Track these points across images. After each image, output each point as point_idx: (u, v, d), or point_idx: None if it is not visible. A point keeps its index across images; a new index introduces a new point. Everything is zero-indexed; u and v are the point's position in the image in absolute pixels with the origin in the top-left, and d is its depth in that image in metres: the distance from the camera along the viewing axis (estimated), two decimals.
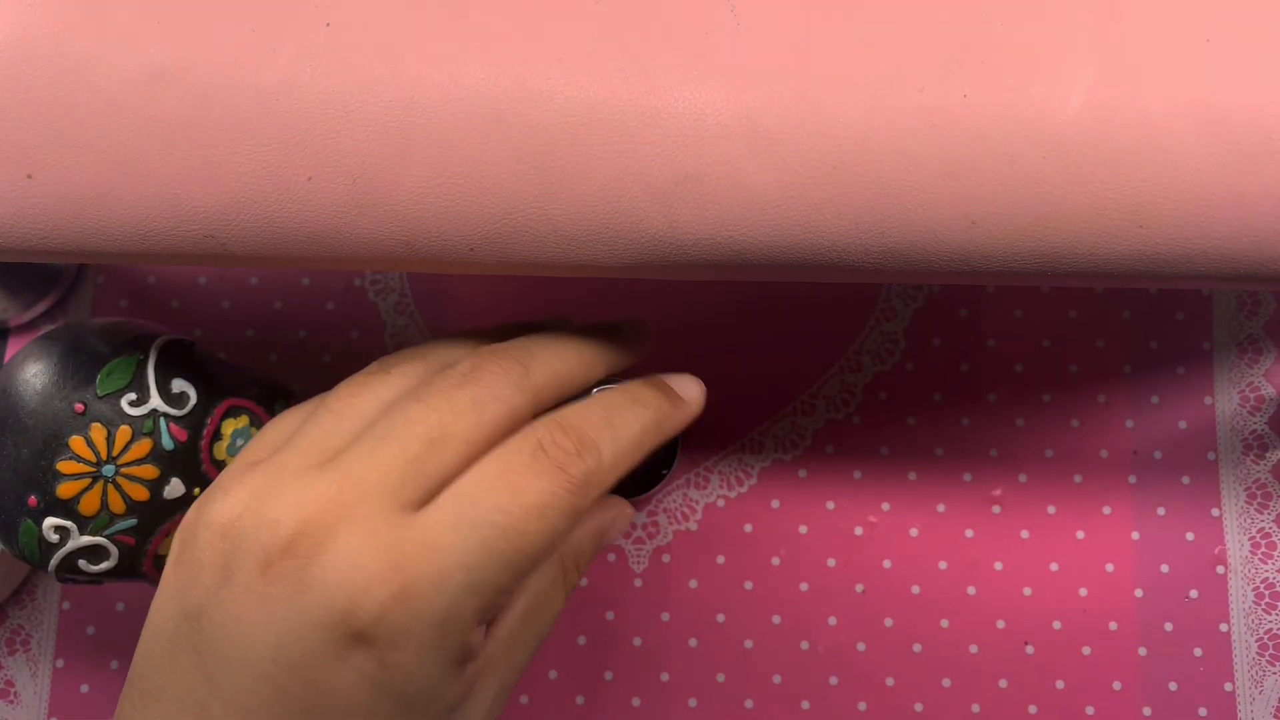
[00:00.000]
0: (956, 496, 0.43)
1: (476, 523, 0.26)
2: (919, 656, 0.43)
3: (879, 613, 0.43)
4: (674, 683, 0.43)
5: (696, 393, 0.33)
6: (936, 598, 0.43)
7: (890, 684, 0.43)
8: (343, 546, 0.25)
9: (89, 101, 0.28)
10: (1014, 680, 0.42)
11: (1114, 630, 0.42)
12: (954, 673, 0.43)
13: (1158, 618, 0.42)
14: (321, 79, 0.28)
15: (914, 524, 0.43)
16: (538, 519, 0.26)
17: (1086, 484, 0.43)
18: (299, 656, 0.25)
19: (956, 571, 0.43)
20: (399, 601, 0.25)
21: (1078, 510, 0.43)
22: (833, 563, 0.43)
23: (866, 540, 0.43)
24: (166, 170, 0.28)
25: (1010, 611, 0.43)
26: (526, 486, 0.26)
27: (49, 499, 0.33)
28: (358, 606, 0.25)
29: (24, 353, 0.35)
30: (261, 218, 0.28)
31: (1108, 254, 0.29)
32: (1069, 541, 0.43)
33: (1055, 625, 0.43)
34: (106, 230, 0.29)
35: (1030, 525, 0.43)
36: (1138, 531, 0.43)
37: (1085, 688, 0.42)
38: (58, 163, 0.28)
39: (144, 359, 0.35)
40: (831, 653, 0.43)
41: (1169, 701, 0.42)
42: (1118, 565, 0.43)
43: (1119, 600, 0.42)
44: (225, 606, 0.26)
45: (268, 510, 0.26)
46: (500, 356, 0.29)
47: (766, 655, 0.43)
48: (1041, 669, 0.42)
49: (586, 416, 0.29)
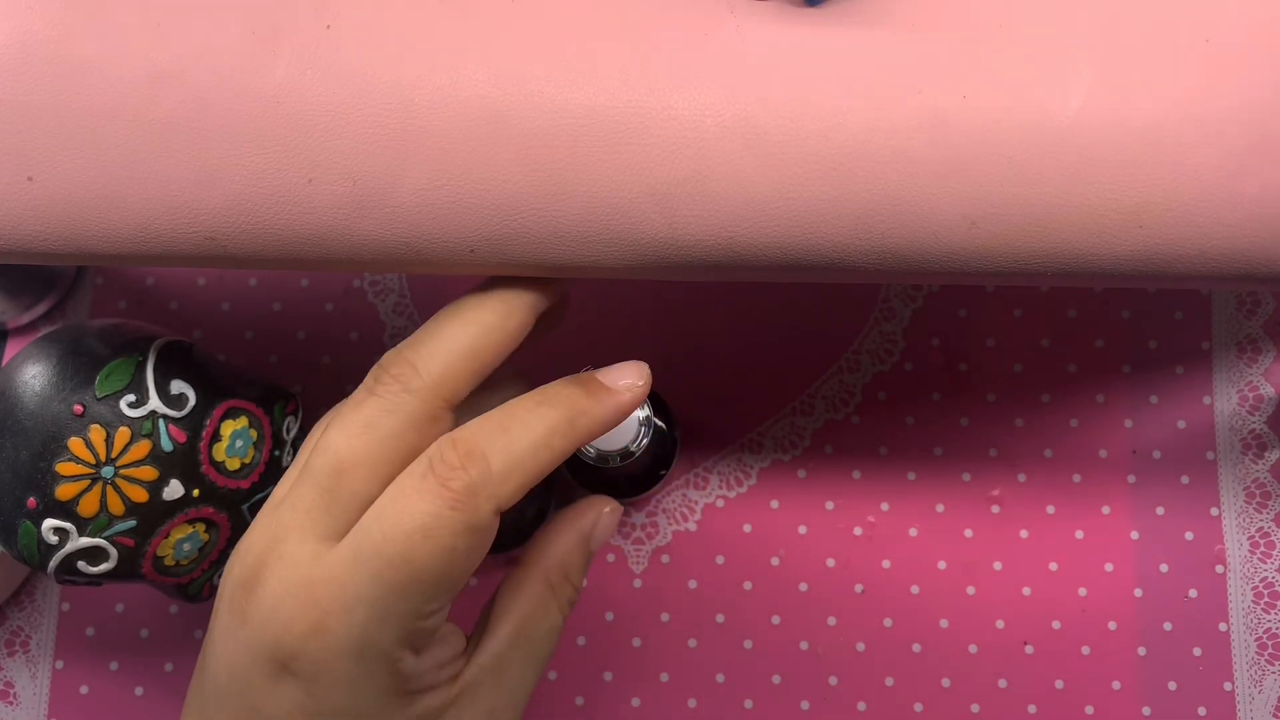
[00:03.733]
0: (956, 496, 0.43)
1: (368, 555, 0.26)
2: (918, 656, 0.43)
3: (878, 613, 0.43)
4: (674, 683, 0.43)
5: (630, 379, 0.30)
6: (936, 598, 0.43)
7: (890, 684, 0.43)
8: (273, 581, 0.27)
9: (89, 104, 0.28)
10: (1013, 680, 0.42)
11: (1113, 630, 0.42)
12: (953, 673, 0.43)
13: (1157, 617, 0.42)
14: (322, 81, 0.28)
15: (913, 524, 0.43)
16: (423, 541, 0.26)
17: (1086, 484, 0.43)
18: (244, 684, 0.27)
19: (956, 571, 0.43)
20: (315, 635, 0.26)
21: (1077, 510, 0.43)
22: (832, 563, 0.43)
23: (866, 540, 0.43)
24: (166, 173, 0.28)
25: (1010, 611, 0.43)
26: (411, 510, 0.26)
27: (48, 500, 0.33)
28: (281, 640, 0.26)
29: (23, 354, 0.35)
30: (261, 220, 0.28)
31: (1107, 254, 0.29)
32: (1068, 541, 0.43)
33: (1054, 625, 0.43)
34: (106, 232, 0.29)
35: (1029, 525, 0.43)
36: (1137, 531, 0.43)
37: (1085, 687, 0.42)
38: (58, 165, 0.28)
39: (143, 360, 0.34)
40: (831, 653, 0.43)
41: (1168, 701, 0.42)
42: (1117, 565, 0.43)
43: (1118, 600, 0.42)
44: (211, 634, 0.28)
45: (241, 544, 0.28)
46: (395, 360, 0.29)
47: (766, 655, 0.43)
48: (1041, 669, 0.42)
49: (481, 426, 0.28)
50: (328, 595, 0.26)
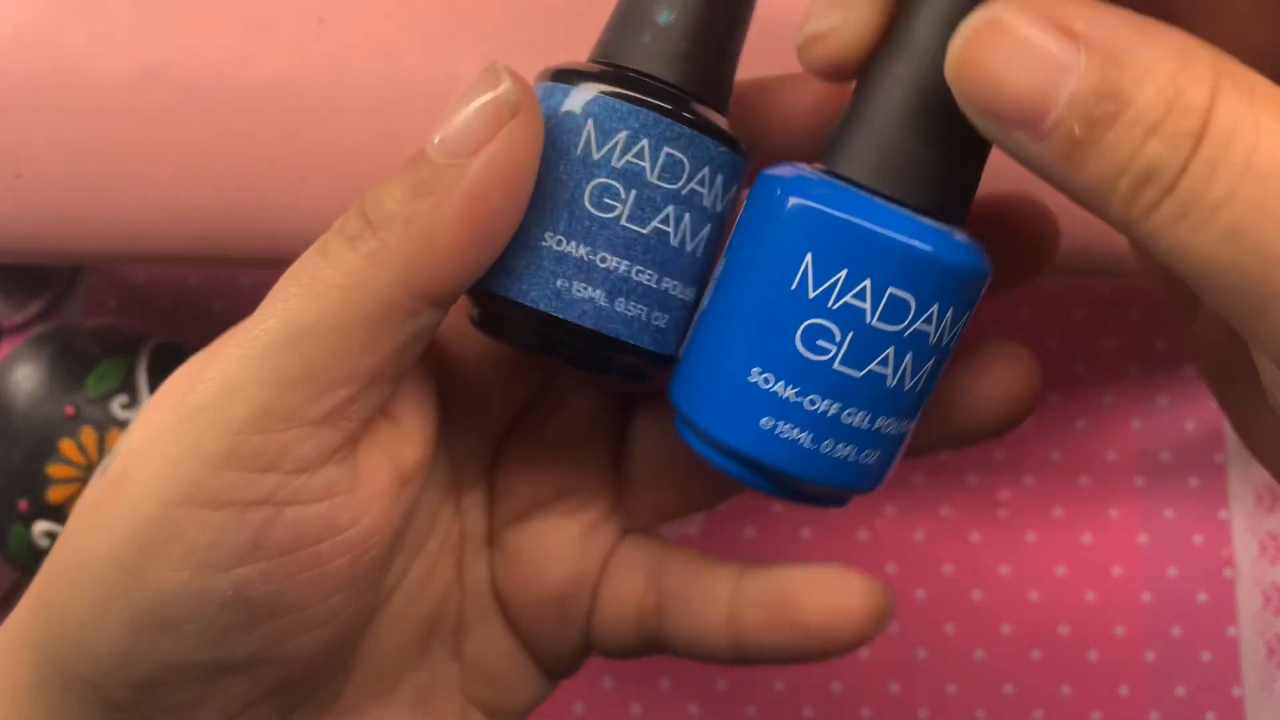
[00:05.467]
0: (961, 500, 0.43)
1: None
2: (923, 662, 0.42)
3: None
4: (674, 690, 0.43)
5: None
6: (941, 602, 0.43)
7: (894, 690, 0.42)
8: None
9: (78, 100, 0.28)
10: (1020, 686, 0.42)
11: (1121, 635, 0.42)
12: (959, 679, 0.42)
13: (1165, 622, 0.42)
14: (314, 76, 0.27)
15: (918, 528, 0.43)
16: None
17: (1093, 487, 0.43)
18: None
19: (961, 576, 0.43)
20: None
21: (1084, 513, 0.43)
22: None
23: (870, 544, 0.43)
24: (157, 170, 0.28)
25: (1016, 616, 0.42)
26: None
27: (39, 503, 0.33)
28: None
29: (14, 355, 0.35)
30: (254, 217, 0.28)
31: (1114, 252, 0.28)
32: (1075, 545, 0.43)
33: (1061, 630, 0.42)
34: (96, 231, 0.29)
35: (1036, 529, 0.43)
36: (1145, 535, 0.43)
37: (1092, 693, 0.42)
38: (47, 162, 0.28)
39: (135, 361, 0.35)
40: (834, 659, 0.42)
41: (1177, 707, 0.42)
42: (1125, 569, 0.42)
43: (1126, 604, 0.42)
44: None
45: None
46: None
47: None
48: (1048, 674, 0.42)
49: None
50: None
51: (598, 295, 0.20)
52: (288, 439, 0.18)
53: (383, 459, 0.20)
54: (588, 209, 0.20)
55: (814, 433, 0.19)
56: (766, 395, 0.19)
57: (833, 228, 0.18)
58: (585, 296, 0.20)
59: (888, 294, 0.18)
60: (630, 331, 0.20)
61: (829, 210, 0.18)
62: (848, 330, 0.18)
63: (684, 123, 0.20)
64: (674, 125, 0.20)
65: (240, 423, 0.18)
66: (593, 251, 0.20)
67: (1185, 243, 0.15)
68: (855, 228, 0.18)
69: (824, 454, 0.19)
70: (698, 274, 0.21)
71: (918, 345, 0.19)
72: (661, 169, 0.20)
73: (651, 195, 0.20)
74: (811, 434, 0.19)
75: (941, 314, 0.19)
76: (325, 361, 0.18)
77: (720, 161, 0.20)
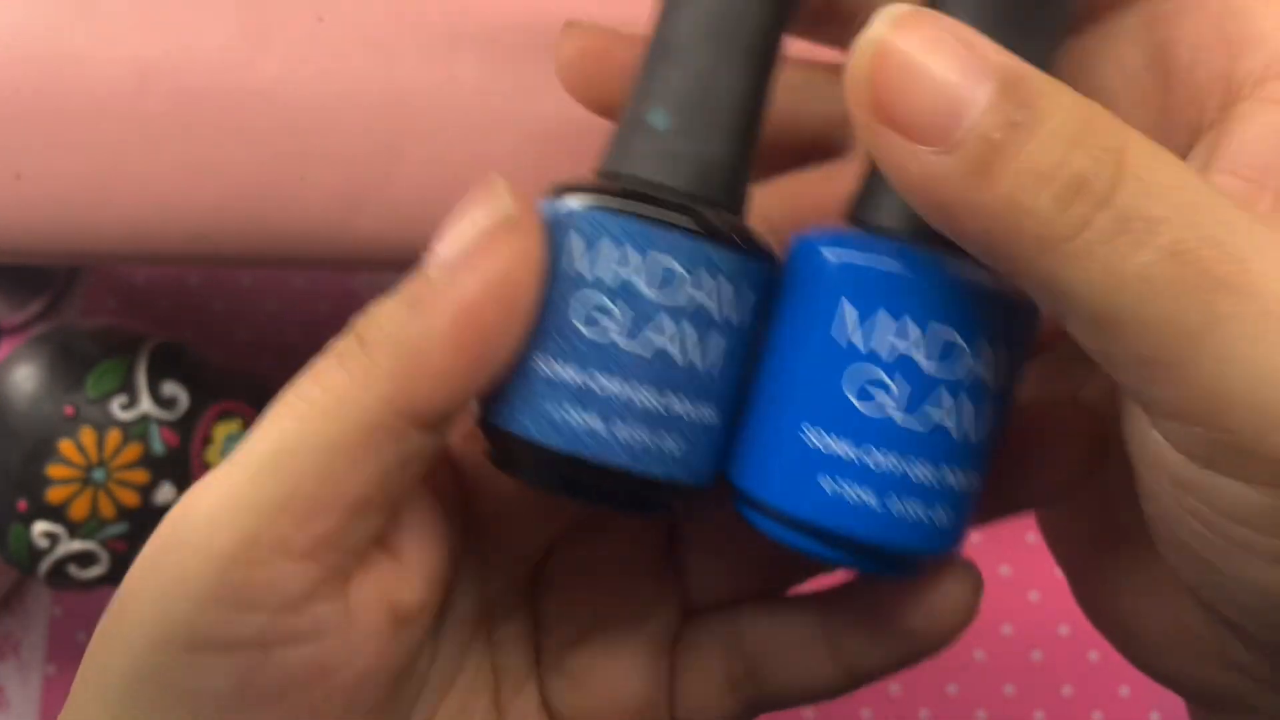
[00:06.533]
0: None
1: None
2: (924, 663, 0.42)
3: None
4: None
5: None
6: None
7: (895, 691, 0.42)
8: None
9: (78, 101, 0.27)
10: (1020, 686, 0.42)
11: None
12: (959, 679, 0.42)
13: None
14: (314, 76, 0.27)
15: None
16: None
17: None
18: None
19: None
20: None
21: None
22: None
23: None
24: (157, 170, 0.28)
25: (1017, 617, 0.42)
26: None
27: (38, 504, 0.33)
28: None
29: (13, 355, 0.35)
30: (253, 217, 0.28)
31: None
32: None
33: (1062, 630, 0.42)
34: (96, 231, 0.29)
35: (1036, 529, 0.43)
36: None
37: (1092, 693, 0.42)
38: (46, 163, 0.28)
39: (134, 361, 0.35)
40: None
41: (1176, 707, 0.41)
42: None
43: None
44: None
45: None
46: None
47: None
48: (1048, 675, 0.42)
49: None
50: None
51: (594, 421, 0.18)
52: (273, 574, 0.17)
53: (377, 596, 0.19)
54: (577, 327, 0.18)
55: (876, 489, 0.18)
56: (822, 454, 0.18)
57: (866, 274, 0.18)
58: (580, 423, 0.18)
59: (932, 333, 0.17)
60: (635, 459, 0.18)
61: (861, 257, 0.18)
62: (894, 373, 0.18)
63: (675, 228, 0.18)
64: (664, 232, 0.18)
65: (226, 556, 0.17)
66: (586, 375, 0.18)
67: (1120, 263, 0.14)
68: (889, 272, 0.17)
69: (893, 514, 0.18)
70: (717, 392, 0.19)
71: (973, 387, 0.18)
72: (655, 280, 0.18)
73: (646, 309, 0.18)
74: (874, 491, 0.18)
75: (994, 350, 0.18)
76: (309, 485, 0.17)
77: (727, 267, 0.18)
